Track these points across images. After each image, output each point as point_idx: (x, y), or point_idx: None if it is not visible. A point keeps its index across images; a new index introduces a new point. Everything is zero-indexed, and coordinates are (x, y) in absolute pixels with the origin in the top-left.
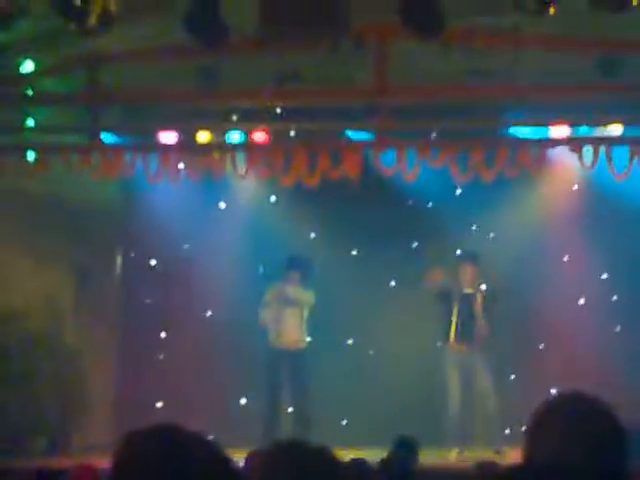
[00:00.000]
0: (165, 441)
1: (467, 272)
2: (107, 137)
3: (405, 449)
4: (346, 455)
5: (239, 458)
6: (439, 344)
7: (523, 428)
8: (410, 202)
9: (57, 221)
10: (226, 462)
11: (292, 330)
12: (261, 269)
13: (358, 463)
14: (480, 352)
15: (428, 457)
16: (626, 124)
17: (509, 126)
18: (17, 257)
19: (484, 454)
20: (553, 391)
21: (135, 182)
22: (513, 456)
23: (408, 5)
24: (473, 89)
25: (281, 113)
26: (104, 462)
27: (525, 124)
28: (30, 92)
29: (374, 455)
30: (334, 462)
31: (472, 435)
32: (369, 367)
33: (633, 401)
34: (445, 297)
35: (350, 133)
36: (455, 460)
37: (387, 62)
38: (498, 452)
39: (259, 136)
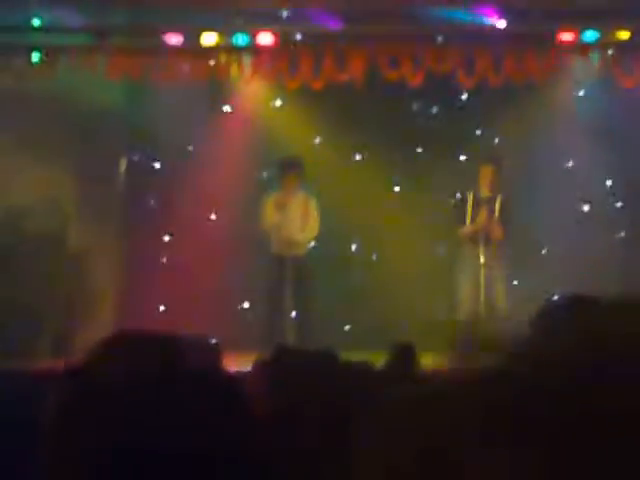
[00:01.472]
0: (153, 348)
1: (487, 174)
2: (113, 38)
3: (403, 354)
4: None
5: (243, 362)
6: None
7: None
8: (415, 106)
9: (62, 123)
10: (218, 370)
11: (293, 236)
12: (264, 174)
13: (363, 365)
14: (498, 256)
15: (431, 361)
16: (635, 30)
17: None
18: (21, 158)
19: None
20: (555, 297)
21: (140, 84)
22: None
23: None
24: None
25: (287, 16)
26: None
27: (531, 31)
28: None
29: (377, 360)
30: (340, 365)
31: (477, 341)
32: (372, 272)
33: None
34: (460, 204)
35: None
36: (459, 365)
37: None
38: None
39: (265, 39)
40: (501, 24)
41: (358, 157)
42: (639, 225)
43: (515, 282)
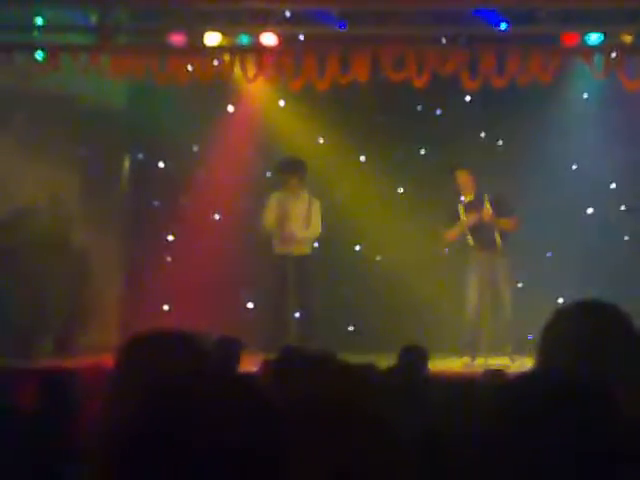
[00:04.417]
0: (175, 344)
1: (464, 179)
2: (117, 38)
3: (414, 356)
4: (353, 360)
5: (248, 362)
6: (446, 250)
7: (529, 337)
8: (419, 108)
9: (65, 122)
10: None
11: (296, 233)
12: (268, 174)
13: (366, 367)
14: (501, 258)
15: (437, 364)
16: (637, 33)
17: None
18: (24, 158)
19: (494, 362)
20: (560, 300)
21: (144, 83)
22: (522, 365)
23: None
24: None
25: (290, 16)
26: (110, 363)
27: (535, 32)
28: None
29: (382, 362)
30: (346, 368)
31: (484, 343)
32: (377, 273)
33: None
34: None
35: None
36: (465, 368)
37: None
38: (510, 360)
39: (269, 39)
40: (505, 26)
41: (362, 158)
42: None
43: (520, 285)
